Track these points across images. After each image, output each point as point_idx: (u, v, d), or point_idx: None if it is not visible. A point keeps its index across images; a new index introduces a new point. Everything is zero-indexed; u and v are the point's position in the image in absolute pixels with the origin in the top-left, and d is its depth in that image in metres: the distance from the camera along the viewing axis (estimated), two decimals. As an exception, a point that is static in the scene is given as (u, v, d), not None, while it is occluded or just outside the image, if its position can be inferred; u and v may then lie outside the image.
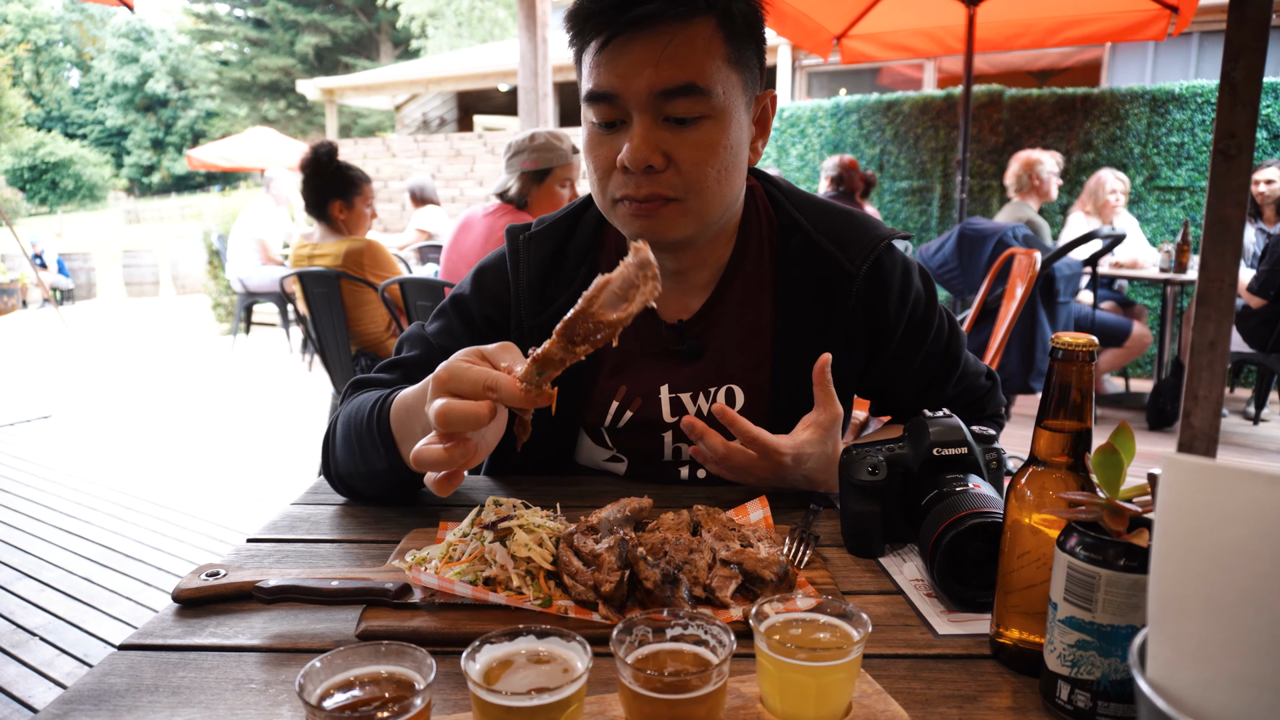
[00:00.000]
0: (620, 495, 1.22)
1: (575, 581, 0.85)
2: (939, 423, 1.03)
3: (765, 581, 0.86)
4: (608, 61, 1.08)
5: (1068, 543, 0.69)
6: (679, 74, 1.07)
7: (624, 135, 1.11)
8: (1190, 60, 8.59)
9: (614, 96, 1.09)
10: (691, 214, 1.14)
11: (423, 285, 3.15)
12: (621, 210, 1.15)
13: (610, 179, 1.14)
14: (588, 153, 1.17)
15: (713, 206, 1.15)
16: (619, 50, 1.07)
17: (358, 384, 1.24)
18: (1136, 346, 5.38)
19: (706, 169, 1.11)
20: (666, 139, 1.10)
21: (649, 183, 1.11)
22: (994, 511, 0.87)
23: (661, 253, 1.22)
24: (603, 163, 1.14)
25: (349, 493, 1.18)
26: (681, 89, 1.07)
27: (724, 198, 1.16)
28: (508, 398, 0.84)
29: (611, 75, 1.08)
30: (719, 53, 1.09)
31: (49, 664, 2.66)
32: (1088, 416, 0.75)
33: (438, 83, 13.08)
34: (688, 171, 1.11)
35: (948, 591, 0.90)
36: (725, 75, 1.10)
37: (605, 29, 1.07)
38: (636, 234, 1.15)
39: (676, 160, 1.10)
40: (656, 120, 1.09)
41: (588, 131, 1.17)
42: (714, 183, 1.13)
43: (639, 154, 1.08)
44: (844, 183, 5.81)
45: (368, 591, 0.86)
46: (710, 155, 1.11)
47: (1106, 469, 0.67)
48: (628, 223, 1.16)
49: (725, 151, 1.12)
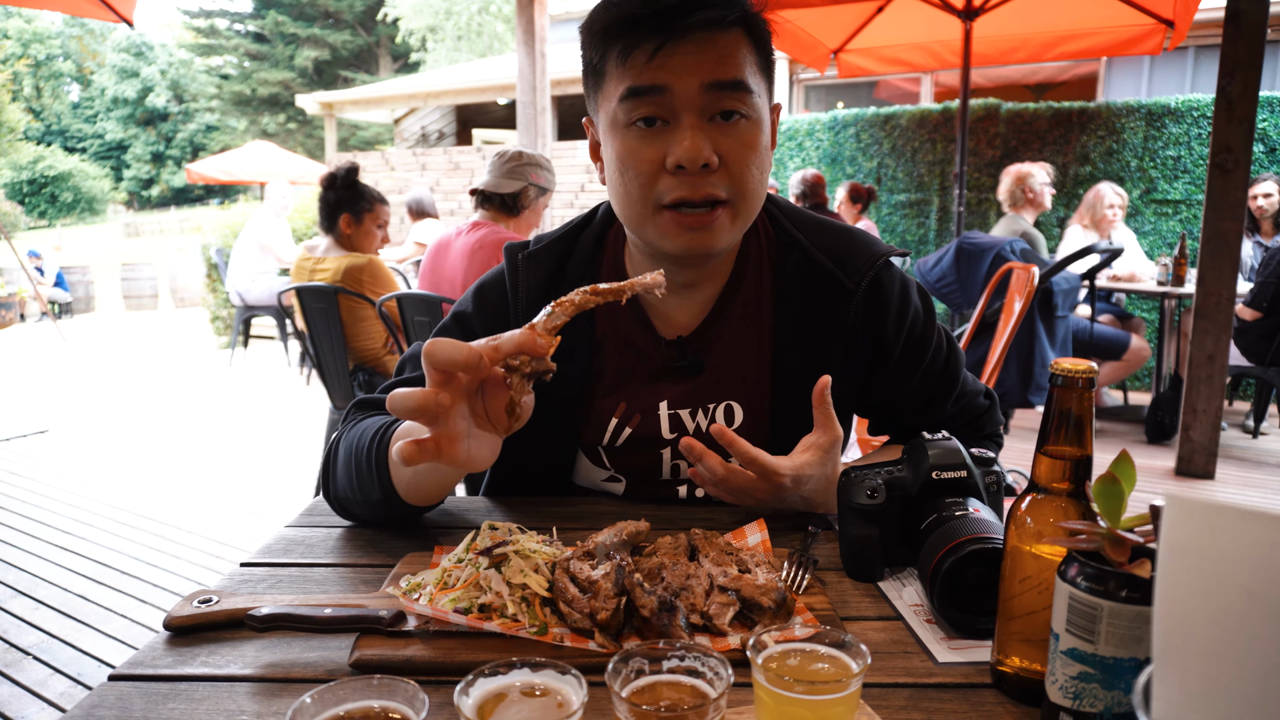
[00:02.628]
0: (618, 517, 1.21)
1: (571, 609, 0.84)
2: (938, 445, 1.02)
3: (763, 609, 0.85)
4: (658, 61, 1.07)
5: (1069, 572, 0.68)
6: (731, 70, 1.08)
7: (667, 137, 1.10)
8: (1186, 74, 8.63)
9: (663, 89, 1.08)
10: (738, 218, 1.15)
11: (420, 301, 3.15)
12: (667, 221, 1.13)
13: (656, 183, 1.11)
14: (628, 158, 1.12)
15: (755, 208, 1.17)
16: (670, 53, 1.07)
17: (361, 405, 1.23)
18: (1135, 360, 5.38)
19: (752, 169, 1.12)
20: (715, 137, 1.10)
21: (704, 183, 1.10)
22: (994, 537, 0.86)
23: (689, 268, 1.22)
24: (647, 166, 1.11)
25: (347, 516, 1.18)
26: (732, 84, 1.08)
27: (761, 199, 1.18)
28: (509, 338, 0.86)
29: (662, 71, 1.07)
30: (752, 58, 1.12)
31: (42, 684, 2.64)
32: (1088, 443, 0.74)
33: (436, 96, 13.12)
34: (736, 171, 1.11)
35: (947, 618, 0.89)
36: (758, 80, 1.13)
37: (659, 34, 1.06)
38: (684, 247, 1.14)
39: (726, 159, 1.10)
40: (703, 119, 1.09)
41: (623, 139, 1.13)
42: (756, 184, 1.14)
43: (696, 150, 1.07)
44: (811, 197, 5.85)
45: (361, 619, 0.85)
46: (754, 155, 1.12)
47: (1107, 499, 0.66)
48: (674, 235, 1.13)
49: (764, 154, 1.15)
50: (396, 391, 0.85)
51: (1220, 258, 4.47)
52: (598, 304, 0.89)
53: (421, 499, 1.09)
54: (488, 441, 0.92)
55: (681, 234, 1.13)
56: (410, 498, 1.07)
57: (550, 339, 0.86)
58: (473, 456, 0.90)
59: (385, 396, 1.22)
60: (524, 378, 0.87)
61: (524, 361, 0.86)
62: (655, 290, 0.91)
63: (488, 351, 0.85)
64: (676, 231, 1.13)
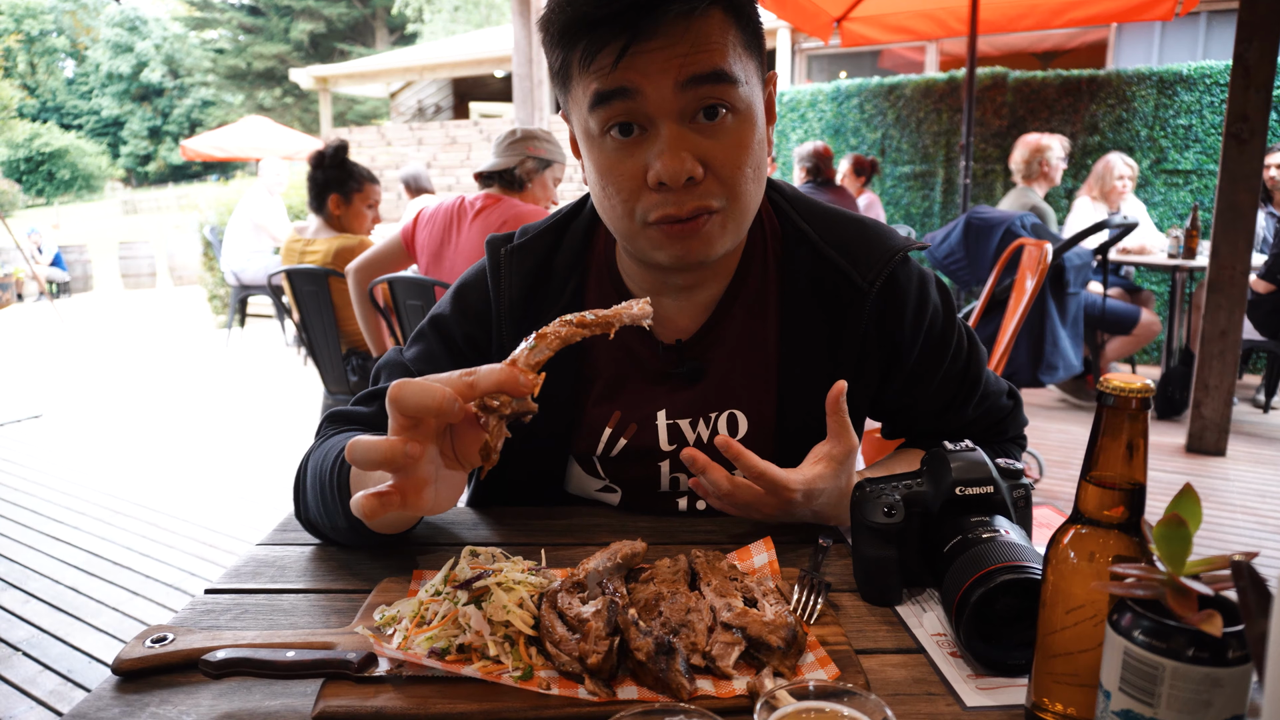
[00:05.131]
0: (614, 531, 1.13)
1: (559, 650, 0.75)
2: (961, 458, 0.93)
3: (772, 648, 0.76)
4: (625, 62, 0.95)
5: (1122, 622, 0.60)
6: (706, 61, 0.95)
7: (646, 148, 0.98)
8: (1198, 40, 8.45)
9: (633, 92, 0.95)
10: (732, 223, 1.03)
11: (412, 284, 3.05)
12: (655, 234, 1.02)
13: (639, 201, 1.01)
14: (605, 174, 1.02)
15: (750, 210, 1.05)
16: (636, 51, 0.94)
17: (333, 418, 1.14)
18: (1145, 334, 5.28)
19: (744, 170, 1.00)
20: (698, 143, 0.98)
21: (690, 197, 0.98)
22: (1028, 565, 0.78)
23: (684, 275, 1.12)
24: (628, 182, 1.00)
25: (320, 537, 1.09)
26: (710, 76, 0.95)
27: (758, 197, 1.06)
28: (486, 375, 0.77)
29: (630, 72, 0.95)
30: (736, 39, 0.98)
31: (31, 681, 2.58)
32: (1141, 470, 0.65)
33: (432, 70, 12.91)
34: (726, 176, 0.99)
35: (975, 652, 0.80)
36: (745, 62, 1.00)
37: (623, 34, 0.93)
38: (676, 258, 1.03)
39: (712, 166, 0.98)
40: (683, 123, 0.97)
41: (599, 151, 1.01)
42: (750, 183, 1.02)
43: (677, 165, 0.95)
44: (820, 172, 5.67)
45: (327, 663, 0.76)
46: (744, 154, 1.00)
47: (1171, 543, 0.58)
48: (664, 245, 1.03)
49: (757, 148, 1.02)
50: (357, 441, 0.75)
51: (1235, 230, 4.35)
52: (585, 337, 0.81)
53: (390, 529, 1.00)
54: (454, 482, 0.83)
55: (672, 244, 1.02)
56: (379, 528, 0.99)
57: (533, 377, 0.77)
58: (439, 502, 0.82)
59: (357, 410, 1.13)
60: (502, 419, 0.78)
61: (504, 402, 0.77)
62: (642, 322, 0.82)
63: (462, 389, 0.76)
64: (666, 243, 1.03)
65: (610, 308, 0.83)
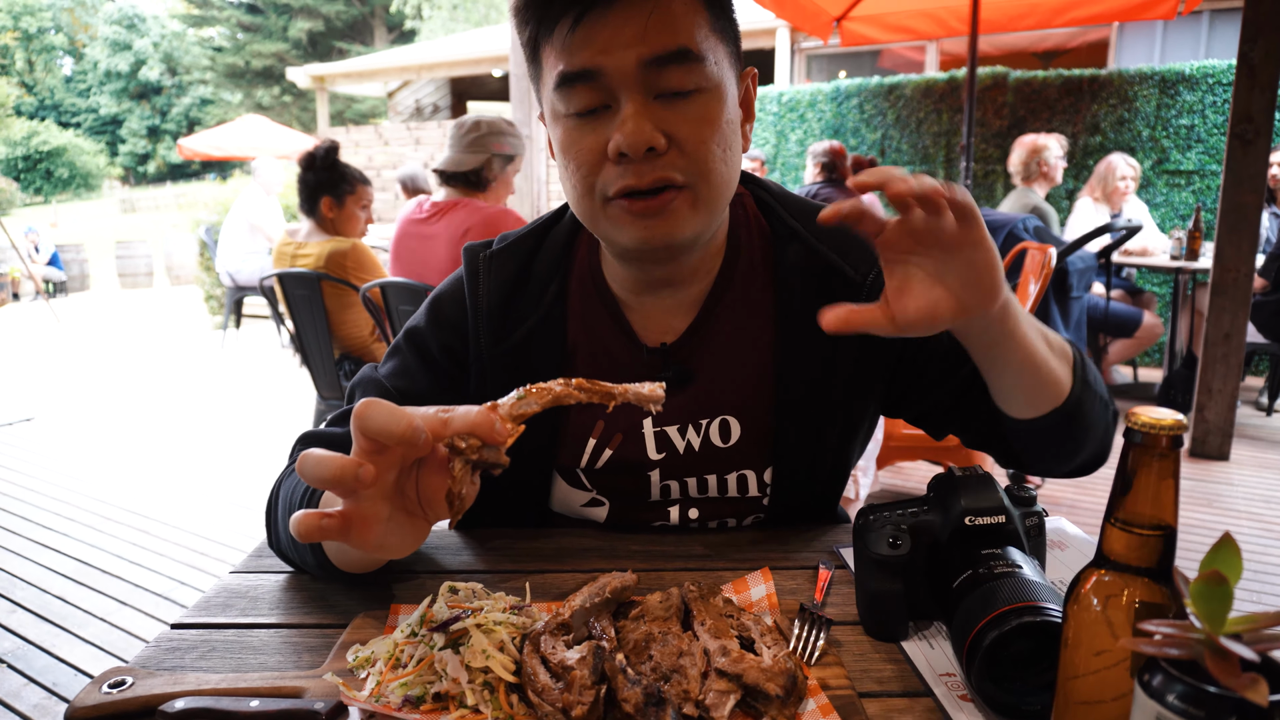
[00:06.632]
0: (604, 552, 1.08)
1: (541, 700, 0.70)
2: (970, 485, 0.88)
3: (770, 697, 0.71)
4: (583, 39, 0.91)
5: (1154, 683, 0.54)
6: (670, 39, 0.91)
7: (609, 122, 0.94)
8: (1201, 40, 8.39)
9: (595, 73, 0.92)
10: (701, 203, 0.97)
11: (404, 288, 3.00)
12: (617, 211, 0.97)
13: (600, 174, 0.96)
14: (565, 150, 0.98)
15: (721, 192, 0.99)
16: (595, 25, 0.91)
17: (305, 440, 1.08)
18: (1147, 337, 5.23)
19: (711, 146, 0.95)
20: (663, 116, 0.93)
21: (651, 168, 0.93)
22: (1045, 607, 0.73)
23: (656, 264, 1.06)
24: (588, 156, 0.96)
25: (294, 567, 1.03)
26: (675, 55, 0.91)
27: (730, 182, 1.00)
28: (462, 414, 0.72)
29: (591, 51, 0.91)
30: (703, 20, 0.94)
31: (15, 695, 2.53)
32: (1171, 513, 0.60)
33: (430, 69, 12.86)
34: (692, 150, 0.94)
35: (986, 697, 0.75)
36: (714, 45, 0.95)
37: (576, 5, 0.91)
38: (640, 239, 0.97)
39: (677, 139, 0.93)
40: (648, 98, 0.93)
41: (563, 128, 0.98)
42: (719, 162, 0.97)
43: (638, 134, 0.91)
44: (835, 170, 5.58)
45: (293, 715, 0.71)
46: (712, 130, 0.95)
47: (1209, 601, 0.52)
48: (627, 225, 0.97)
49: (727, 128, 0.97)
50: (309, 453, 0.69)
51: (1239, 232, 4.30)
52: (580, 401, 0.76)
53: (353, 568, 0.94)
54: (411, 529, 0.76)
55: (634, 223, 0.97)
56: (345, 567, 0.93)
57: (511, 427, 0.72)
58: (386, 545, 0.74)
59: (330, 431, 1.08)
60: (468, 464, 0.72)
61: (472, 445, 0.71)
62: (650, 405, 0.77)
63: (434, 425, 0.71)
64: (628, 221, 0.97)
65: (620, 383, 0.78)
